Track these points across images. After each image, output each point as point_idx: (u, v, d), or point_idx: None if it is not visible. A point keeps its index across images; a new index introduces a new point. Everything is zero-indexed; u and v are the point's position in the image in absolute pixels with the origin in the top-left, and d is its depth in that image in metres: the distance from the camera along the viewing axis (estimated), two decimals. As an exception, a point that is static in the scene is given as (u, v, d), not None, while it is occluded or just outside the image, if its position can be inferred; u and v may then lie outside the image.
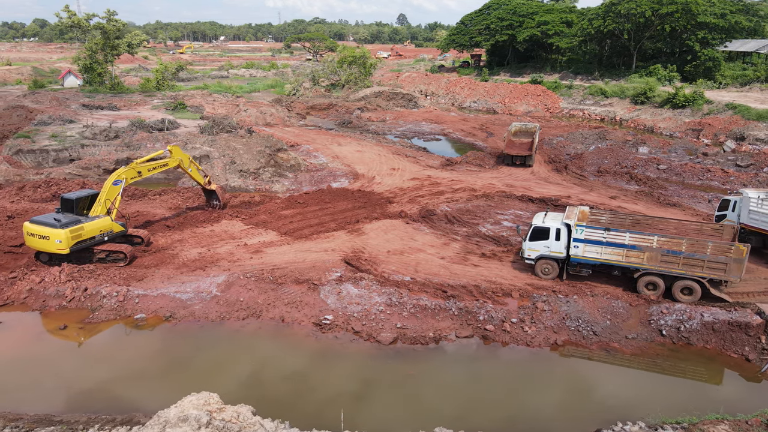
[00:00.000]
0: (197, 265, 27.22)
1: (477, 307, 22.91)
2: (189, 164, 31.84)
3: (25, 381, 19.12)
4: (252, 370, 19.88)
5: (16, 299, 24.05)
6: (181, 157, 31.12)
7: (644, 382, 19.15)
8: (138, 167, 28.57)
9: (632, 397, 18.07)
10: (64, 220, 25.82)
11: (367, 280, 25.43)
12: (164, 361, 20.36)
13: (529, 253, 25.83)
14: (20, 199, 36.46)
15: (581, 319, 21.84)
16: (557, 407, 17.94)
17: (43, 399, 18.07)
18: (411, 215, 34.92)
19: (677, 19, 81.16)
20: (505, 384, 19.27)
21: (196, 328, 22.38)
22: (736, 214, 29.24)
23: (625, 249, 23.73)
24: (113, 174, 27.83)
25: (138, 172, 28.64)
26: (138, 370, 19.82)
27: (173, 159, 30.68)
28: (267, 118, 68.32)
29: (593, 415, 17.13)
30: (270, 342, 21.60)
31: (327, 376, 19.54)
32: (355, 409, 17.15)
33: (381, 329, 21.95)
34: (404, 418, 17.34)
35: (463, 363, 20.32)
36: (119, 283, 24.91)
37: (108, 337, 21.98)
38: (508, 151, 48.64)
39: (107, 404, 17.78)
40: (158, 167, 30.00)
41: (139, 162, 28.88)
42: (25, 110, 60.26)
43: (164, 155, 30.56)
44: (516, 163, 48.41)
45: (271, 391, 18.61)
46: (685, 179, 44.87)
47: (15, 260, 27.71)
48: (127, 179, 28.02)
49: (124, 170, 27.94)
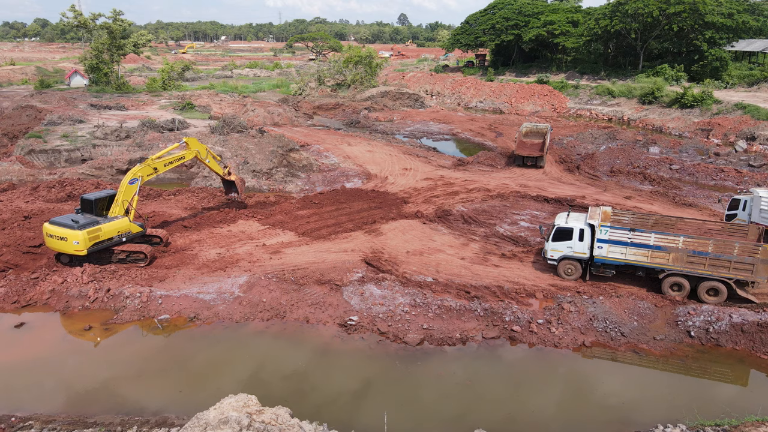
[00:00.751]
0: (217, 265, 27.14)
1: (502, 308, 22.82)
2: (206, 155, 31.27)
3: (55, 383, 19.05)
4: (282, 371, 19.78)
5: (39, 300, 23.96)
6: (197, 148, 30.43)
7: (677, 384, 19.06)
8: (154, 163, 28.16)
9: (667, 399, 17.98)
10: (81, 221, 25.71)
11: (389, 280, 25.35)
12: (192, 363, 20.26)
13: (551, 254, 25.75)
14: (35, 200, 36.37)
15: (608, 320, 21.76)
16: (593, 409, 17.85)
17: (73, 400, 17.98)
18: (427, 215, 34.84)
19: (684, 19, 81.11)
20: (538, 386, 19.17)
21: (221, 329, 22.30)
22: (747, 213, 29.23)
23: (650, 250, 23.65)
24: (129, 173, 27.63)
25: (154, 169, 28.23)
26: (167, 372, 19.75)
27: (190, 151, 30.12)
28: (275, 118, 68.25)
29: (629, 417, 17.05)
30: (296, 343, 21.50)
31: (358, 378, 19.45)
32: (392, 411, 17.04)
33: (407, 330, 21.86)
34: (442, 420, 17.28)
35: (492, 364, 20.23)
36: (141, 284, 24.83)
37: (133, 338, 21.88)
38: (519, 151, 48.28)
39: (137, 406, 17.69)
40: (174, 161, 29.42)
41: (154, 158, 28.35)
42: (34, 110, 60.19)
43: (180, 148, 30.07)
44: (527, 164, 48.06)
45: (304, 393, 18.51)
46: (698, 179, 44.76)
47: (34, 261, 27.63)
48: (143, 177, 27.81)
49: (139, 168, 27.72)
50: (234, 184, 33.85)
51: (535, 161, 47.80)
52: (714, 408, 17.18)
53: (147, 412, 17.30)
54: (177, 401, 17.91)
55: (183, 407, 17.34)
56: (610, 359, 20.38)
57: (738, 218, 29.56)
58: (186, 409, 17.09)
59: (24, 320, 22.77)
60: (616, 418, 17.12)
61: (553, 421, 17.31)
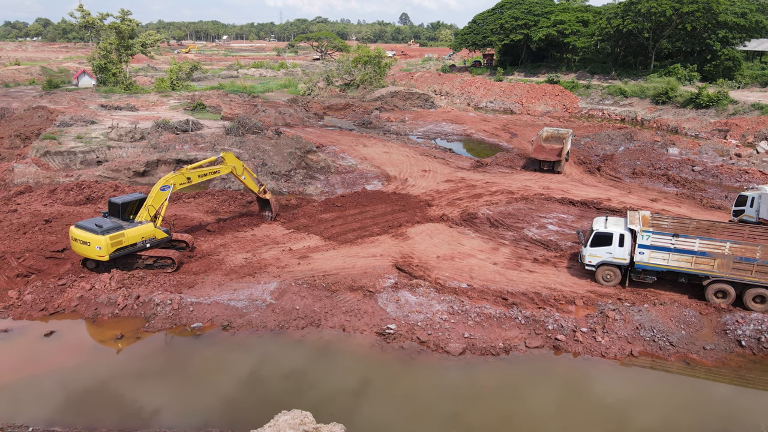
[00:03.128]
0: (245, 271, 26.56)
1: (544, 315, 22.25)
2: (242, 171, 30.60)
3: (90, 395, 18.45)
4: (326, 384, 19.17)
5: (67, 307, 23.38)
6: (234, 164, 29.87)
7: (736, 397, 18.50)
8: (188, 173, 27.60)
9: (729, 414, 17.42)
10: (105, 225, 25.08)
11: (423, 287, 24.78)
12: (231, 374, 19.66)
13: (589, 259, 25.15)
14: (53, 202, 35.78)
15: (655, 329, 21.16)
16: (653, 423, 17.25)
17: (114, 412, 17.39)
18: (453, 219, 34.26)
19: (698, 18, 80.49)
20: (593, 397, 18.60)
21: (256, 338, 21.72)
22: (755, 209, 29.28)
23: (694, 256, 23.05)
24: (162, 179, 27.05)
25: (188, 178, 27.65)
26: (207, 383, 19.16)
27: (226, 166, 29.55)
28: (286, 118, 67.69)
29: (695, 429, 16.46)
30: (336, 353, 20.91)
31: (404, 391, 18.87)
32: (446, 425, 16.46)
33: (448, 339, 21.28)
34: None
35: (540, 375, 19.66)
36: (171, 290, 24.25)
37: (168, 347, 21.29)
38: (535, 155, 46.80)
39: (180, 420, 17.12)
40: (210, 174, 28.89)
41: (189, 168, 27.85)
42: (46, 111, 59.68)
43: (217, 161, 29.50)
44: (543, 168, 46.43)
45: (355, 408, 17.90)
46: (722, 181, 44.16)
47: (57, 266, 27.08)
48: (175, 185, 27.22)
49: (173, 176, 27.13)
50: (269, 204, 32.97)
51: (552, 166, 46.13)
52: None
53: (190, 427, 16.70)
54: (221, 415, 17.31)
55: (229, 421, 16.76)
56: (662, 370, 19.78)
57: (745, 215, 29.68)
58: (232, 423, 16.52)
59: (53, 328, 22.19)
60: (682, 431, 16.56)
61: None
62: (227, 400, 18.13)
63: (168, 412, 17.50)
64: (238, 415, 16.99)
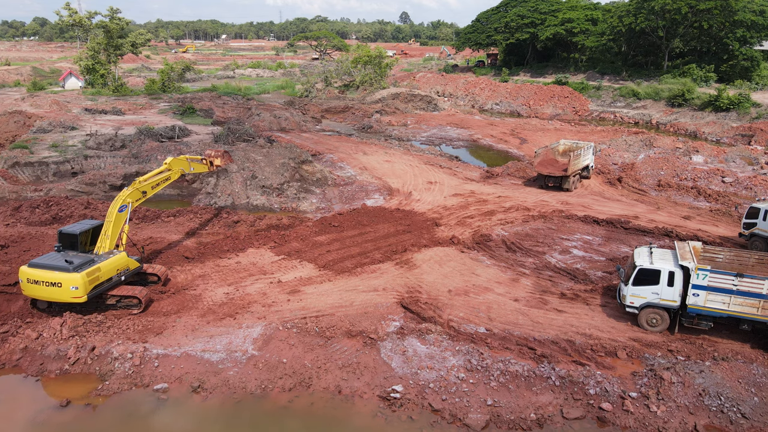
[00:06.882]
0: (225, 311, 22.68)
1: (583, 375, 18.34)
2: (188, 165, 28.07)
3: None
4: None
5: (8, 361, 19.48)
6: (180, 166, 27.27)
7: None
8: (142, 186, 24.35)
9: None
10: (76, 260, 21.11)
11: (434, 333, 20.92)
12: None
13: (631, 300, 21.22)
14: (16, 222, 31.89)
15: (723, 396, 17.25)
16: None
17: None
18: (464, 242, 30.36)
19: (714, 16, 76.53)
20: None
21: (233, 405, 17.80)
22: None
23: (761, 300, 19.16)
24: (116, 199, 23.28)
25: (143, 193, 24.44)
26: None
27: (174, 171, 26.83)
28: (282, 122, 63.76)
29: None
30: (329, 425, 17.02)
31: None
32: None
33: (467, 407, 17.38)
34: None
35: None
36: (134, 339, 20.36)
37: (124, 418, 17.37)
38: (539, 168, 40.23)
39: None
40: (161, 183, 26.04)
41: (141, 181, 24.64)
42: (24, 116, 55.69)
43: (164, 170, 26.40)
44: (548, 184, 40.71)
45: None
46: (756, 194, 40.17)
47: (8, 302, 23.15)
48: (132, 203, 23.65)
49: (127, 192, 23.56)
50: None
51: (559, 182, 40.35)
52: None
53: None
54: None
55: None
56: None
57: (758, 228, 28.47)
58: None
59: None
60: None
61: None
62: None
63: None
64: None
